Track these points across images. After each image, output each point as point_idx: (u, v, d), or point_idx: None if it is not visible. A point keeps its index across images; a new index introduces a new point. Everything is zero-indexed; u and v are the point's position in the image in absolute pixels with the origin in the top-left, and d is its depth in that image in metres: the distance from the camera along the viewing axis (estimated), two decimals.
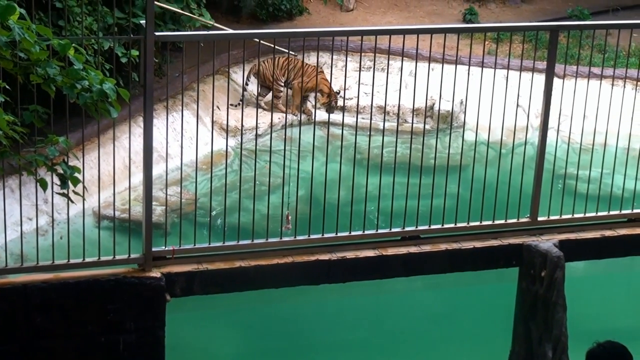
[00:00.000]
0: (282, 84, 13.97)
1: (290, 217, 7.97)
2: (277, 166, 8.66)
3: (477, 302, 10.22)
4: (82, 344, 7.12)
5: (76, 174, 6.18)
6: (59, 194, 6.22)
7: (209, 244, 7.54)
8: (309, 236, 7.73)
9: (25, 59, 5.73)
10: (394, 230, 7.92)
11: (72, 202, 6.45)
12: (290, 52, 11.79)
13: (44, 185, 6.19)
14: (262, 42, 7.89)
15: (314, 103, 13.55)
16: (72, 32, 9.91)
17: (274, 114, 12.84)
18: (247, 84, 13.72)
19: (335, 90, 13.90)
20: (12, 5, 5.48)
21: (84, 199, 6.72)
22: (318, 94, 13.87)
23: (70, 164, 6.27)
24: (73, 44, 5.86)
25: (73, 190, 6.24)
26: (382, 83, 8.54)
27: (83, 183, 6.60)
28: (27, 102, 6.76)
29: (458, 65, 7.72)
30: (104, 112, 5.83)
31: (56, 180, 6.21)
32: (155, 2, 10.46)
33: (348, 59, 8.16)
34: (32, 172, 6.28)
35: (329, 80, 12.74)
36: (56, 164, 6.14)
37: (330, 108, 13.60)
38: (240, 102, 13.25)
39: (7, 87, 6.48)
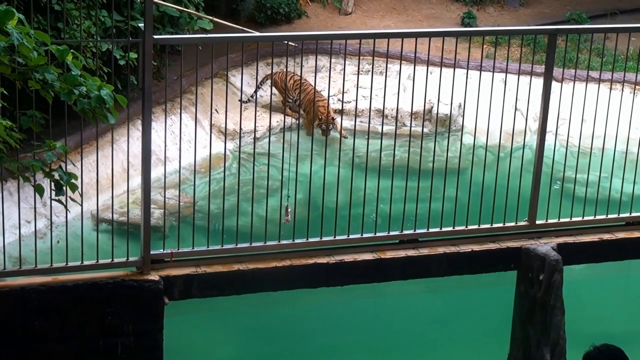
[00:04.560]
0: (291, 99, 13.84)
1: (290, 209, 7.97)
2: (276, 169, 8.67)
3: (475, 306, 10.21)
4: (80, 347, 7.12)
5: (72, 181, 6.17)
6: (55, 200, 6.21)
7: (208, 247, 7.54)
8: (307, 239, 7.74)
9: (24, 64, 5.73)
10: (392, 233, 7.93)
11: (68, 210, 6.44)
12: (291, 43, 11.68)
13: (40, 191, 6.17)
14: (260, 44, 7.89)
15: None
16: (71, 35, 9.92)
17: (272, 117, 12.82)
18: (260, 86, 13.59)
19: (331, 116, 13.57)
20: (11, 10, 5.48)
21: (82, 205, 6.73)
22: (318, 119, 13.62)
23: (68, 169, 6.26)
24: (71, 50, 5.85)
25: (70, 197, 6.23)
26: (380, 86, 8.55)
27: (81, 189, 6.59)
28: (25, 106, 6.75)
29: (456, 69, 7.73)
30: (101, 119, 5.82)
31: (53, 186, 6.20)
32: (155, 1, 10.46)
33: (346, 62, 8.17)
34: (28, 179, 6.25)
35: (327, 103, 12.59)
36: (53, 170, 6.13)
37: (325, 131, 13.24)
38: (249, 100, 13.19)
39: (4, 92, 6.47)
